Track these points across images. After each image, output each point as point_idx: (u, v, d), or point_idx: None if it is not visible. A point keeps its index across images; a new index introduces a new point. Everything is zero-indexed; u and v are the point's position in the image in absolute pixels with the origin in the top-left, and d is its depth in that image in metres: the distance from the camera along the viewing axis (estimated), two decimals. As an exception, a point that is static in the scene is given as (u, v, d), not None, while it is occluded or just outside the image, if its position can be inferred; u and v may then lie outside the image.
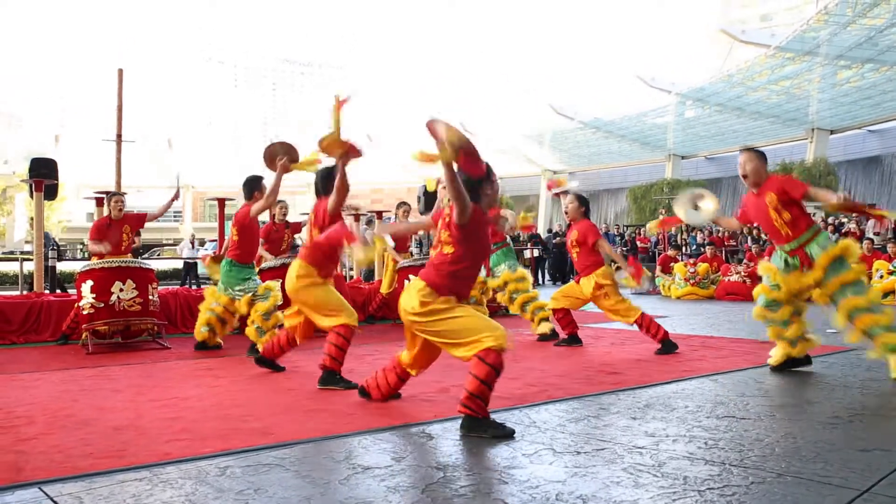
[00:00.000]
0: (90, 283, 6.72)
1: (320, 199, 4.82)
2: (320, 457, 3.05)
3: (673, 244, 17.61)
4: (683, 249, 17.85)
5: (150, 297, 6.94)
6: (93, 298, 6.67)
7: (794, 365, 4.92)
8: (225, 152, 43.43)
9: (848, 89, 25.20)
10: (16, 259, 14.08)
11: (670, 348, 5.98)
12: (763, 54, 24.72)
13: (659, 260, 15.73)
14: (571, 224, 6.43)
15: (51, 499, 2.52)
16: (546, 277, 20.38)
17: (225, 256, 6.31)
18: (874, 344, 4.45)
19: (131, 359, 6.17)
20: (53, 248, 10.69)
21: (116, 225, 7.58)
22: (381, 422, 3.61)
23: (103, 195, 8.40)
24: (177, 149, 42.55)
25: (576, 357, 5.96)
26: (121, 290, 6.72)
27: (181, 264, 19.68)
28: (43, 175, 8.33)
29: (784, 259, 4.77)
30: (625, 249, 19.75)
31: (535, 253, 18.23)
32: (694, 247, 18.77)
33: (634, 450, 3.04)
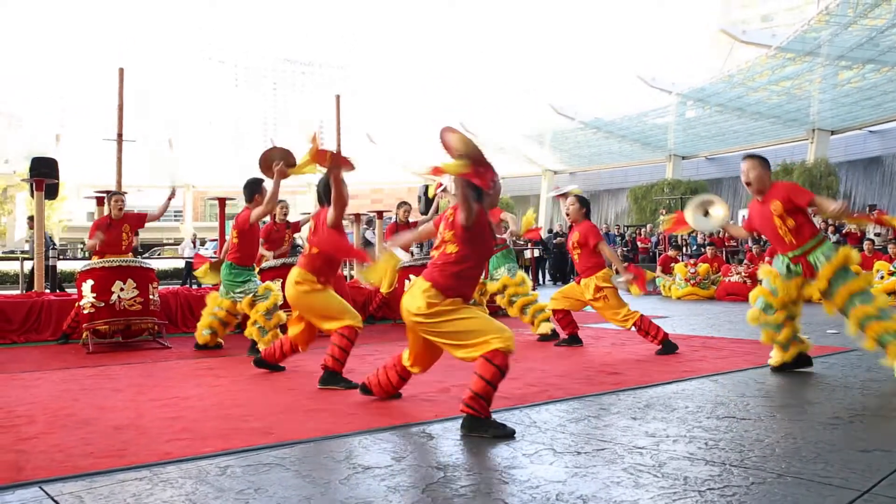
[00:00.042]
0: (91, 283, 6.72)
1: (322, 208, 4.82)
2: (321, 456, 3.05)
3: (673, 244, 17.61)
4: (684, 250, 17.85)
5: (151, 297, 6.95)
6: (93, 298, 6.67)
7: (795, 366, 4.92)
8: (225, 152, 43.44)
9: (849, 90, 25.18)
10: (16, 258, 14.08)
11: (670, 349, 5.97)
12: (764, 55, 24.70)
13: (659, 260, 15.74)
14: (573, 225, 6.43)
15: (51, 498, 2.53)
16: (546, 278, 20.39)
17: (224, 259, 6.31)
18: (886, 351, 4.42)
19: (132, 358, 6.17)
20: (54, 248, 10.70)
21: (116, 224, 7.59)
22: (382, 421, 3.62)
23: (104, 195, 8.40)
24: (177, 148, 42.55)
25: (576, 357, 5.96)
26: (121, 290, 6.73)
27: (182, 264, 19.69)
28: (44, 174, 8.34)
29: (786, 265, 4.76)
30: (625, 250, 19.76)
31: (536, 253, 18.22)
32: (694, 247, 18.77)
33: (635, 450, 3.04)
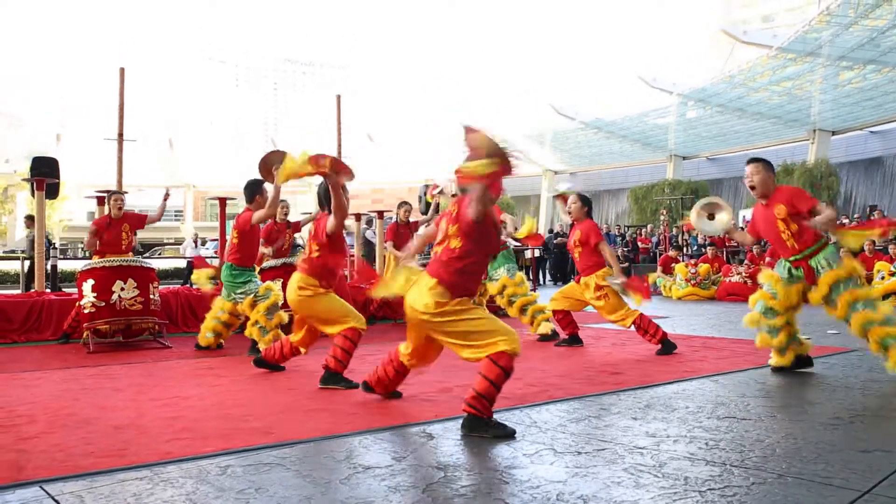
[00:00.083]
0: (91, 282, 6.73)
1: (323, 214, 4.82)
2: (321, 456, 3.05)
3: (674, 245, 17.60)
4: (685, 250, 17.84)
5: (151, 297, 6.95)
6: (94, 297, 6.67)
7: (795, 367, 4.92)
8: (226, 152, 43.43)
9: (850, 90, 25.16)
10: (17, 258, 14.09)
11: (669, 348, 5.98)
12: (765, 55, 24.68)
13: (660, 260, 15.73)
14: (574, 224, 6.44)
15: (52, 497, 2.53)
16: (547, 278, 20.38)
17: (225, 261, 6.31)
18: (888, 354, 4.42)
19: (132, 358, 6.17)
20: (54, 248, 10.71)
21: (116, 224, 7.60)
22: (382, 421, 3.62)
23: (104, 194, 8.41)
24: (178, 148, 42.58)
25: (576, 357, 5.96)
26: (122, 290, 6.73)
27: (184, 263, 19.69)
28: (44, 174, 8.34)
29: (788, 269, 4.76)
30: (626, 250, 19.75)
31: (536, 253, 18.21)
32: (695, 247, 18.76)
33: (635, 450, 3.04)
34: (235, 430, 3.46)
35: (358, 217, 10.95)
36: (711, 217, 5.15)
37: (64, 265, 13.78)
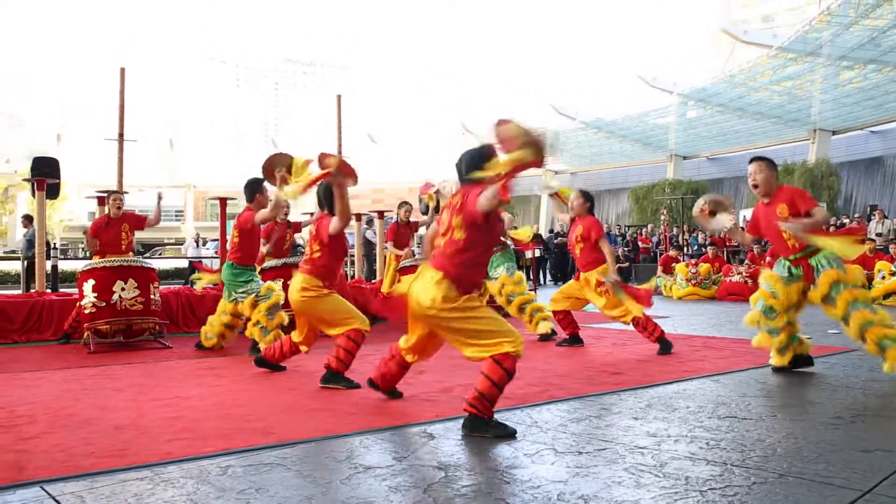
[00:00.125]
0: (92, 283, 6.72)
1: (323, 214, 4.81)
2: (322, 456, 3.05)
3: (675, 244, 17.60)
4: (685, 250, 17.84)
5: (152, 297, 6.95)
6: (94, 297, 6.67)
7: (795, 366, 4.92)
8: (227, 152, 43.47)
9: (850, 90, 25.13)
10: (18, 258, 14.09)
11: (667, 347, 5.99)
12: (765, 55, 24.66)
13: (661, 260, 15.73)
14: (576, 219, 6.43)
15: (53, 498, 2.53)
16: (547, 278, 20.38)
17: (226, 259, 6.31)
18: (885, 355, 4.41)
19: (133, 358, 6.17)
20: (54, 249, 10.71)
21: (115, 223, 7.60)
22: (383, 421, 3.61)
23: (105, 194, 8.41)
24: (178, 148, 42.60)
25: (577, 357, 5.96)
26: (122, 290, 6.73)
27: (185, 263, 19.70)
28: (45, 174, 8.33)
29: (787, 268, 4.76)
30: (626, 250, 19.75)
31: (537, 253, 18.21)
32: (695, 247, 18.76)
33: (636, 450, 3.04)
34: (236, 431, 3.46)
35: (358, 217, 10.94)
36: (713, 214, 5.14)
37: (64, 265, 13.79)
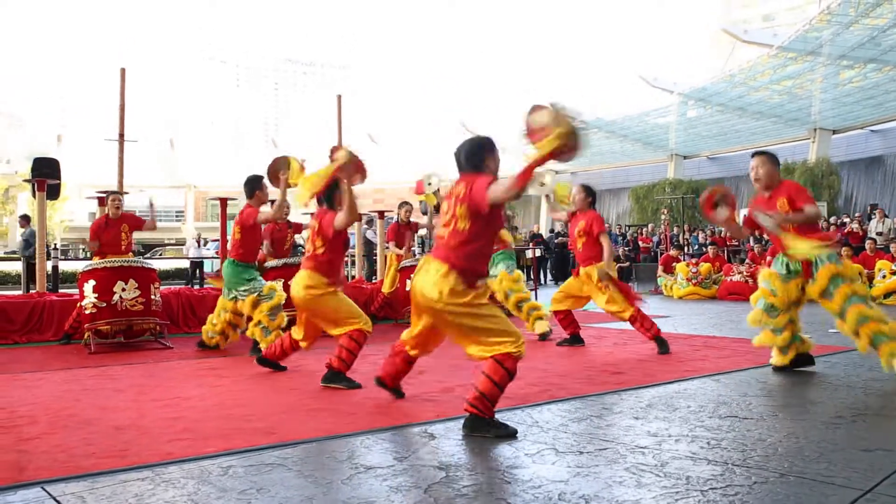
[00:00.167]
0: (92, 283, 6.73)
1: (324, 210, 4.79)
2: (323, 456, 3.05)
3: (675, 244, 17.59)
4: (686, 249, 17.83)
5: (153, 297, 6.95)
6: (95, 298, 6.67)
7: (796, 365, 4.92)
8: (227, 152, 43.49)
9: (850, 89, 25.12)
10: (18, 258, 14.10)
11: (665, 346, 6.00)
12: (765, 54, 24.64)
13: (661, 260, 15.72)
14: (577, 214, 6.43)
15: (53, 498, 2.53)
16: (548, 277, 20.37)
17: (227, 257, 6.31)
18: (878, 351, 4.42)
19: (133, 358, 6.17)
20: (54, 249, 10.71)
21: (114, 224, 7.60)
22: (384, 421, 3.61)
23: (105, 195, 8.41)
24: (179, 148, 42.61)
25: (578, 357, 5.96)
26: (123, 290, 6.73)
27: (187, 263, 19.71)
28: (45, 175, 8.34)
29: (785, 264, 4.76)
30: (627, 249, 19.74)
31: (537, 253, 18.21)
32: (696, 246, 18.75)
33: (637, 450, 3.04)
34: (237, 431, 3.46)
35: (359, 217, 10.95)
36: (716, 205, 5.14)
37: (65, 266, 13.79)
